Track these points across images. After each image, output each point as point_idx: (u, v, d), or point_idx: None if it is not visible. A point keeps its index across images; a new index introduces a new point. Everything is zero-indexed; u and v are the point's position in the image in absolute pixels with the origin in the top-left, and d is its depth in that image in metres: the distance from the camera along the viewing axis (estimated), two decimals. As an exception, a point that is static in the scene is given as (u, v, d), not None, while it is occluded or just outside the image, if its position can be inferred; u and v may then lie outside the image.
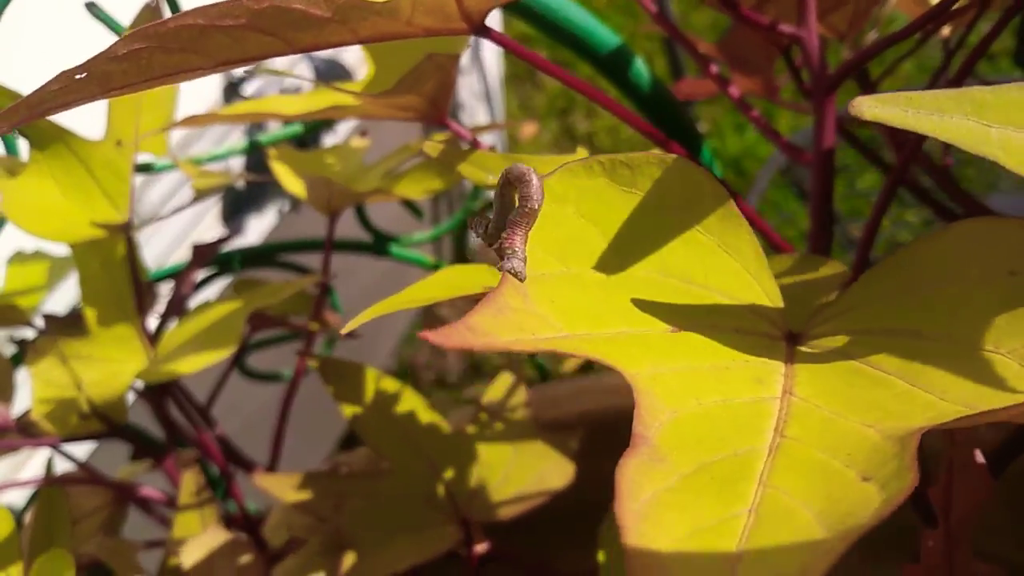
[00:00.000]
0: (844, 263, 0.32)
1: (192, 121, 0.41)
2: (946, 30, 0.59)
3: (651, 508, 0.18)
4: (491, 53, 1.50)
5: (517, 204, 0.26)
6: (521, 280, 0.24)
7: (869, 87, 0.51)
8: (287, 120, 0.41)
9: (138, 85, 0.25)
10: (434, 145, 0.35)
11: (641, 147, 0.38)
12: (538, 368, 0.74)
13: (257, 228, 1.06)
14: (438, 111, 0.41)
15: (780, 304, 0.26)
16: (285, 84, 1.03)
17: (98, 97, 0.25)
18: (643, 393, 0.21)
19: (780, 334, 0.25)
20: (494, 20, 1.47)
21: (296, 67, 1.03)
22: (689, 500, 0.19)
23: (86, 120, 0.49)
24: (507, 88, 1.95)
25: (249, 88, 0.99)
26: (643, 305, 0.24)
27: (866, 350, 0.23)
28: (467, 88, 1.44)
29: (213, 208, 1.02)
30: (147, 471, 0.57)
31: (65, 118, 0.48)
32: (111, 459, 0.62)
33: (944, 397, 0.21)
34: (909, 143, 0.43)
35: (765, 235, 0.39)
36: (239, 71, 0.98)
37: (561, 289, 0.24)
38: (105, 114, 0.47)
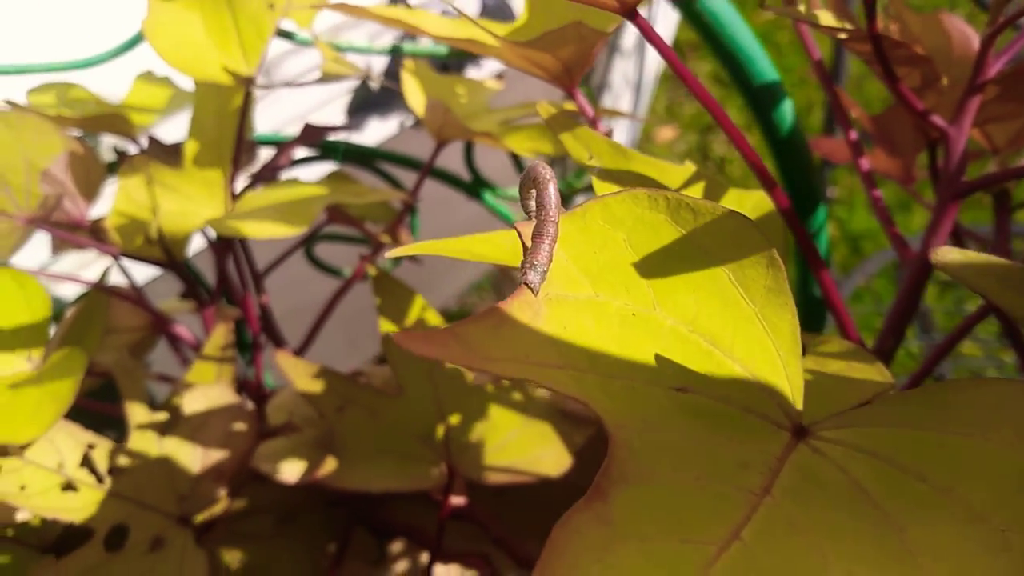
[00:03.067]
0: (905, 370, 0.32)
1: (343, 7, 0.42)
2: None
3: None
4: (665, 27, 1.48)
5: (535, 208, 0.26)
6: (535, 294, 0.23)
7: (1005, 210, 0.49)
8: (430, 37, 0.42)
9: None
10: (547, 107, 0.35)
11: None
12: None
13: (376, 131, 1.08)
14: (569, 78, 0.41)
15: (800, 395, 0.25)
16: (447, 8, 1.04)
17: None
18: (619, 448, 0.20)
19: (788, 425, 0.24)
20: (670, 20, 1.45)
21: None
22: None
23: None
24: (660, 87, 1.93)
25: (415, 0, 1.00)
26: (660, 357, 0.24)
27: (865, 472, 0.22)
28: (621, 72, 1.43)
29: (341, 99, 1.04)
30: (189, 312, 0.59)
31: None
32: (163, 293, 0.64)
33: (935, 559, 0.20)
34: None
35: (840, 319, 0.38)
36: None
37: (580, 316, 0.24)
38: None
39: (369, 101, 1.04)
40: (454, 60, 0.83)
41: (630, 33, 1.37)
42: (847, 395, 0.28)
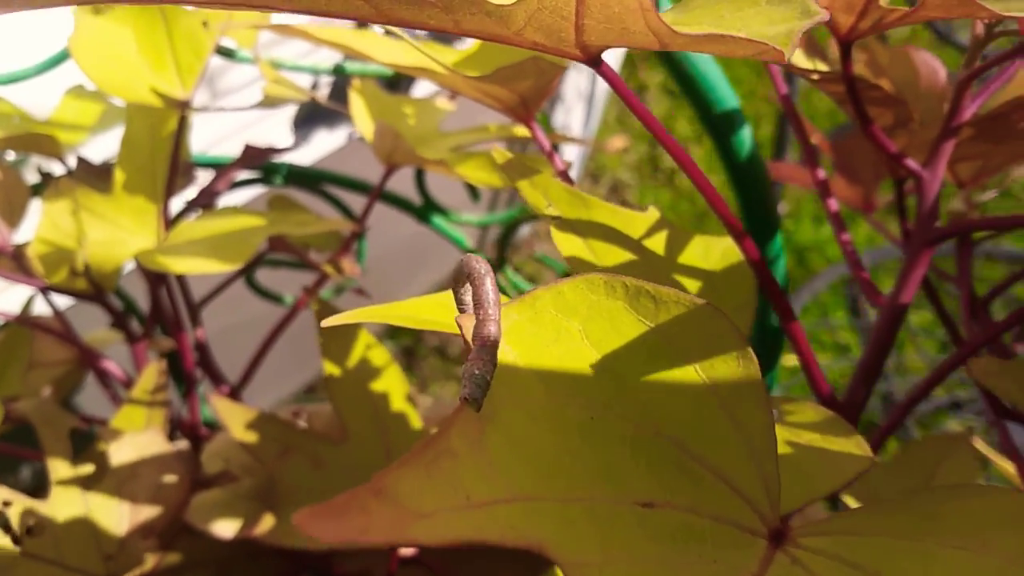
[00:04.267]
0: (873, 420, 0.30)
1: (284, 29, 0.39)
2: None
3: None
4: (610, 59, 1.47)
5: (472, 306, 0.24)
6: (477, 410, 0.20)
7: (967, 245, 0.48)
8: (376, 63, 0.39)
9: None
10: (502, 153, 0.33)
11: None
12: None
13: (324, 143, 1.05)
14: (526, 111, 0.39)
15: (777, 496, 0.23)
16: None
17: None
18: None
19: (764, 531, 0.22)
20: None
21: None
22: None
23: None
24: (612, 99, 1.92)
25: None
26: (623, 469, 0.21)
27: None
28: (573, 85, 1.41)
29: (286, 110, 1.00)
30: (118, 343, 0.56)
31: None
32: (89, 323, 0.61)
33: None
34: (980, 332, 0.40)
35: (810, 370, 0.36)
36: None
37: (532, 427, 0.21)
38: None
39: (317, 112, 1.01)
40: (402, 80, 0.80)
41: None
42: (826, 474, 0.26)
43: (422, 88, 0.94)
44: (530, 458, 0.20)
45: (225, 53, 0.49)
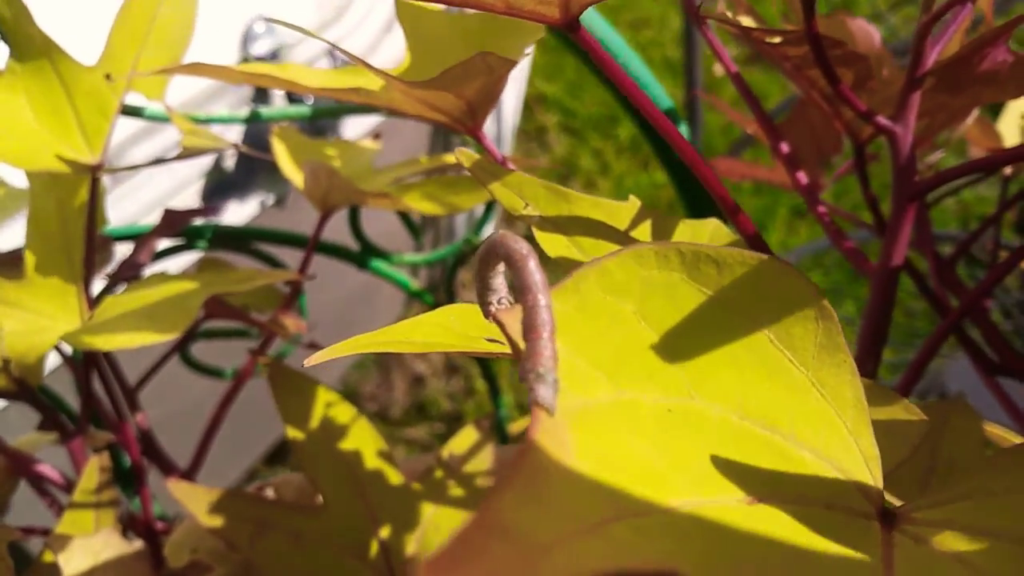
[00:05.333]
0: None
1: (198, 69, 0.36)
2: (1009, 169, 0.56)
3: None
4: (512, 96, 1.46)
5: (501, 295, 0.21)
6: (552, 413, 0.17)
7: (923, 207, 0.47)
8: (306, 92, 0.36)
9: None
10: (469, 154, 0.30)
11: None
12: (497, 424, 0.68)
13: (235, 214, 1.00)
14: (473, 119, 0.36)
15: (878, 471, 0.20)
16: (294, 52, 0.98)
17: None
18: None
19: (874, 513, 0.20)
20: (514, 86, 1.43)
21: (318, 62, 0.99)
22: None
23: (83, 46, 0.43)
24: (514, 143, 1.92)
25: (260, 49, 0.93)
26: (719, 463, 0.18)
27: (991, 561, 0.18)
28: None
29: (195, 184, 0.96)
30: (51, 445, 0.50)
31: (60, 36, 0.42)
32: (15, 426, 0.55)
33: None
34: (970, 293, 0.39)
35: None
36: (260, 51, 0.92)
37: (612, 432, 0.18)
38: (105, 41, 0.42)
39: (225, 182, 0.97)
40: (320, 122, 0.77)
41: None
42: (890, 445, 0.24)
43: (349, 131, 0.91)
44: (618, 466, 0.16)
45: (132, 112, 0.46)
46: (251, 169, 0.93)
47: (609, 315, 0.19)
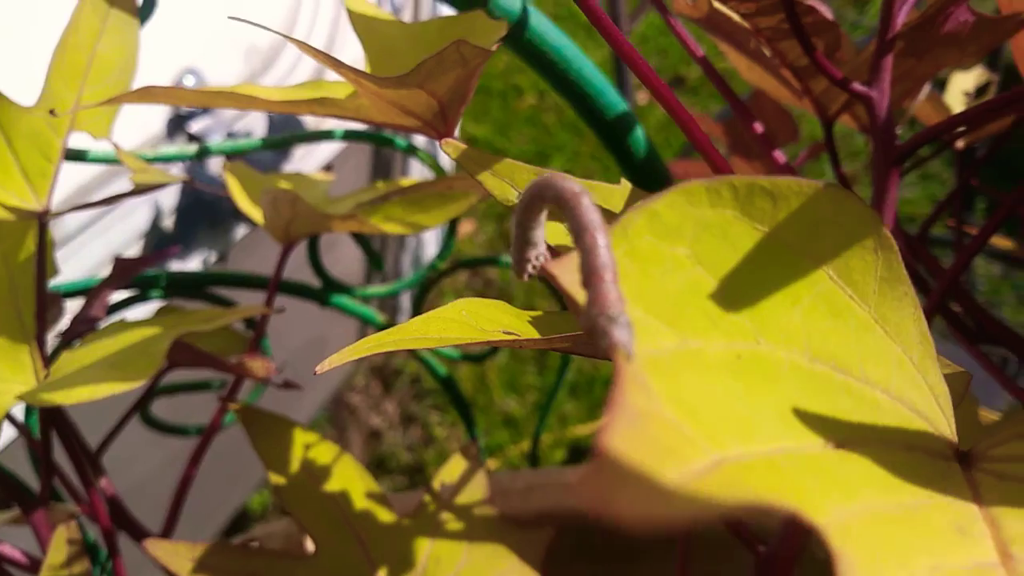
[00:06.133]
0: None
1: (148, 93, 0.34)
2: (961, 142, 0.56)
3: None
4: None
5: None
6: (630, 358, 0.15)
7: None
8: (266, 108, 0.34)
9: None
10: (456, 145, 0.28)
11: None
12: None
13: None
14: (445, 122, 0.35)
15: (949, 409, 0.19)
16: (235, 128, 0.96)
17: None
18: (840, 555, 0.14)
19: (951, 452, 0.18)
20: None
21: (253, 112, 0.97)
22: None
23: (17, 88, 0.41)
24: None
25: (195, 126, 0.91)
26: (797, 409, 0.17)
27: None
28: (417, 169, 1.39)
29: (134, 246, 0.93)
30: (8, 524, 0.47)
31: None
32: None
33: None
34: (949, 269, 0.39)
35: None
36: (187, 82, 0.90)
37: (685, 381, 0.16)
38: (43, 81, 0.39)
39: (164, 242, 0.94)
40: (268, 155, 0.76)
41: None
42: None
43: (298, 164, 0.89)
44: (701, 413, 0.15)
45: (76, 157, 0.43)
46: (191, 226, 0.90)
47: (662, 261, 0.17)
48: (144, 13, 0.45)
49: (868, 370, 0.18)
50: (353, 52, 1.11)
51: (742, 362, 0.17)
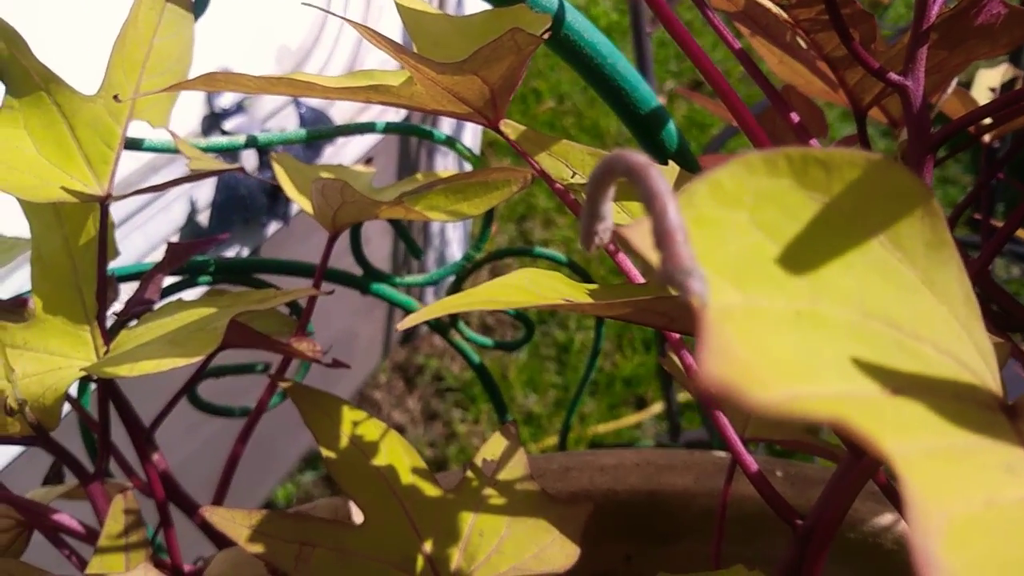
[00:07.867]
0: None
1: (210, 79, 0.36)
2: (987, 136, 0.57)
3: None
4: (471, 134, 1.47)
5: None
6: (705, 307, 0.17)
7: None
8: (323, 95, 0.36)
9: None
10: (515, 126, 0.30)
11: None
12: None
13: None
14: (495, 111, 0.36)
15: (994, 365, 0.20)
16: (267, 126, 0.98)
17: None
18: (908, 485, 0.15)
19: (997, 404, 0.20)
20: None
21: (283, 111, 0.99)
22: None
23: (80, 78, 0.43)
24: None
25: (229, 124, 0.93)
26: (856, 361, 0.18)
27: None
28: (441, 164, 1.41)
29: (174, 237, 0.95)
30: (65, 497, 0.48)
31: (58, 66, 0.42)
32: (25, 479, 0.53)
33: None
34: (976, 260, 0.40)
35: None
36: (225, 103, 0.92)
37: (752, 332, 0.18)
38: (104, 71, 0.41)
39: (201, 236, 0.96)
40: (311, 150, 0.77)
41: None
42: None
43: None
44: (773, 359, 0.16)
45: (134, 146, 0.45)
46: (226, 222, 0.92)
47: (722, 227, 0.19)
48: (198, 9, 0.47)
49: (918, 328, 0.19)
50: (379, 56, 1.13)
51: (801, 318, 0.18)
